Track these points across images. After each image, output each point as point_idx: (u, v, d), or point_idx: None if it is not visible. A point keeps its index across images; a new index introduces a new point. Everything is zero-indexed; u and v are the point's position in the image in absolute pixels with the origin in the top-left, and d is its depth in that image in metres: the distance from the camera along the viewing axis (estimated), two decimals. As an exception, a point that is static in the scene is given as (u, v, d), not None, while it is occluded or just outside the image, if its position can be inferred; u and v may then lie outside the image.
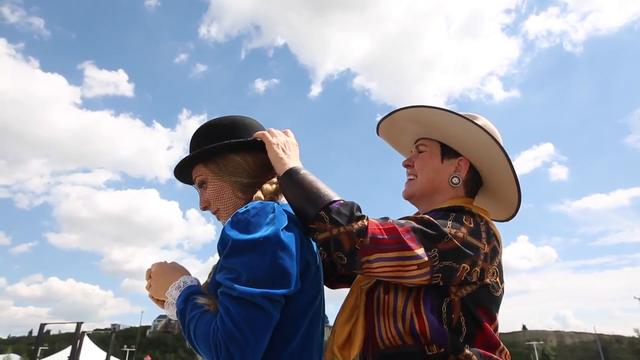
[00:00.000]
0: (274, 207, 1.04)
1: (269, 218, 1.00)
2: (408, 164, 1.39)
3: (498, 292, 1.15)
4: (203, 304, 1.00)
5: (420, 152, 1.37)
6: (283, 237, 0.98)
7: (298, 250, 1.01)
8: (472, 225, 1.13)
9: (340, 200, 1.07)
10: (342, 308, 1.23)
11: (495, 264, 1.15)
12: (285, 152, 1.17)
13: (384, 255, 1.02)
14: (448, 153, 1.32)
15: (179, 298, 1.04)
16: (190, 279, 1.11)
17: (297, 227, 1.06)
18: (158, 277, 1.15)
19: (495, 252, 1.15)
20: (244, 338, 0.88)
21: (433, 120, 1.32)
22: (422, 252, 1.03)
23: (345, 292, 1.31)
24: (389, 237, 1.03)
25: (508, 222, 1.42)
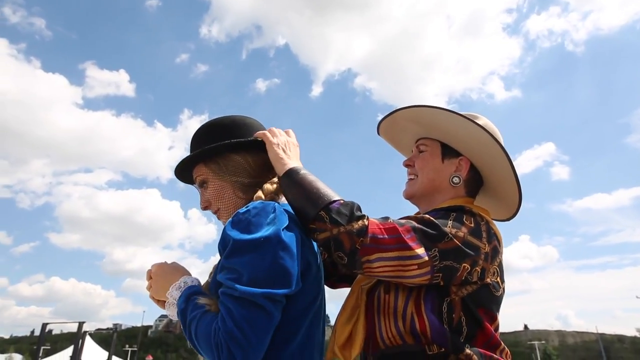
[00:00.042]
0: (275, 207, 1.04)
1: (270, 218, 1.00)
2: (408, 164, 1.39)
3: (499, 291, 1.15)
4: (204, 304, 0.99)
5: (421, 151, 1.37)
6: (284, 237, 0.98)
7: (299, 250, 1.01)
8: (472, 225, 1.13)
9: (340, 200, 1.07)
10: (342, 308, 1.23)
11: (496, 264, 1.14)
12: (286, 152, 1.17)
13: (385, 255, 1.02)
14: (449, 153, 1.32)
15: (180, 298, 1.04)
16: (191, 279, 1.10)
17: (297, 227, 1.06)
18: (158, 277, 1.14)
19: (496, 251, 1.15)
20: (246, 338, 0.88)
21: (433, 120, 1.31)
22: (422, 251, 1.03)
23: (346, 291, 1.31)
24: (390, 236, 1.03)
25: (509, 221, 1.42)
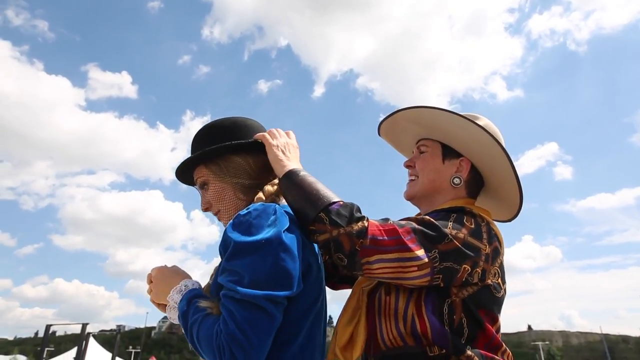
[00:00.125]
0: (275, 208, 1.04)
1: (271, 220, 1.00)
2: (409, 165, 1.39)
3: (500, 293, 1.14)
4: (205, 307, 0.99)
5: (422, 152, 1.37)
6: (285, 238, 0.98)
7: (300, 252, 1.01)
8: (473, 226, 1.13)
9: (340, 202, 1.07)
10: (344, 309, 1.23)
11: (497, 265, 1.14)
12: (285, 153, 1.16)
13: (384, 257, 1.01)
14: (449, 154, 1.32)
15: (181, 301, 1.04)
16: (192, 283, 1.10)
17: (298, 228, 1.06)
18: (159, 281, 1.14)
19: (497, 253, 1.15)
20: (247, 340, 0.88)
21: (434, 121, 1.31)
22: (422, 253, 1.03)
23: (348, 292, 1.30)
24: (389, 238, 1.03)
25: (512, 222, 1.42)
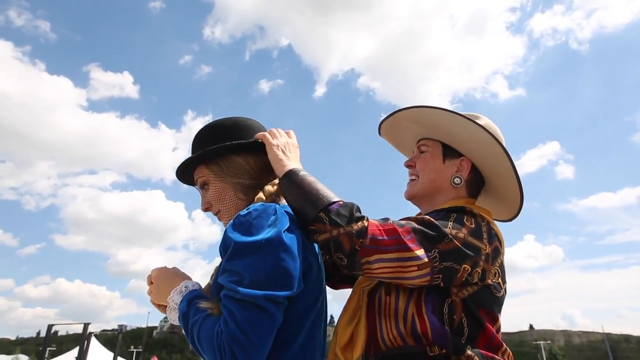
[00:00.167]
0: (276, 208, 1.03)
1: (271, 220, 1.00)
2: (410, 165, 1.39)
3: (500, 292, 1.14)
4: (206, 308, 0.99)
5: (422, 152, 1.36)
6: (285, 238, 0.98)
7: (300, 252, 1.01)
8: (473, 226, 1.13)
9: (340, 201, 1.07)
10: (344, 309, 1.23)
11: (497, 265, 1.14)
12: (285, 153, 1.16)
13: (384, 256, 1.01)
14: (450, 153, 1.32)
15: (182, 302, 1.03)
16: (192, 284, 1.10)
17: (298, 228, 1.06)
18: (159, 282, 1.14)
19: (497, 252, 1.15)
20: (248, 340, 0.88)
21: (434, 121, 1.31)
22: (422, 253, 1.03)
23: (349, 292, 1.30)
24: (389, 238, 1.02)
25: (514, 221, 1.42)
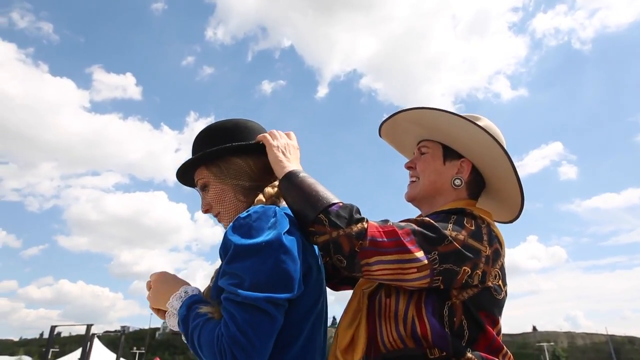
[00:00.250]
0: (275, 210, 1.04)
1: (271, 222, 1.00)
2: (410, 166, 1.38)
3: (500, 295, 1.14)
4: (206, 312, 0.99)
5: (423, 154, 1.36)
6: (285, 241, 0.98)
7: (300, 254, 1.01)
8: (473, 228, 1.12)
9: (340, 203, 1.07)
10: (345, 312, 1.23)
11: (497, 267, 1.13)
12: (285, 154, 1.16)
13: (384, 258, 1.01)
14: (450, 155, 1.32)
15: (181, 308, 1.03)
16: (192, 289, 1.10)
17: (298, 230, 1.06)
18: (158, 287, 1.13)
19: (497, 254, 1.14)
20: (249, 342, 0.88)
21: (435, 122, 1.31)
22: (421, 255, 1.03)
23: (350, 293, 1.30)
24: (389, 239, 1.02)
25: (516, 222, 1.41)
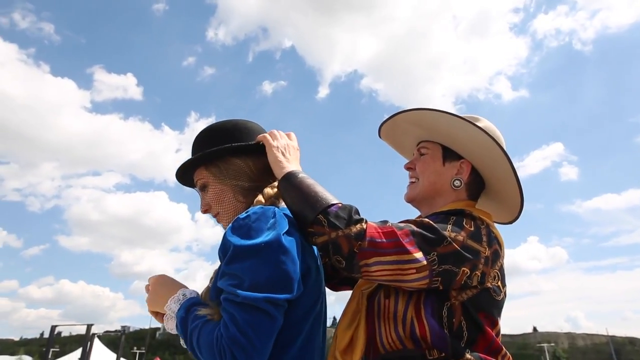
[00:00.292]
0: (275, 211, 1.04)
1: (270, 223, 1.00)
2: (410, 167, 1.38)
3: (499, 296, 1.13)
4: (205, 314, 0.99)
5: (422, 155, 1.36)
6: (284, 241, 0.98)
7: (299, 255, 1.01)
8: (472, 229, 1.12)
9: (339, 204, 1.07)
10: (344, 312, 1.23)
11: (497, 268, 1.13)
12: (285, 155, 1.16)
13: (383, 259, 1.01)
14: (450, 156, 1.32)
15: (179, 310, 1.03)
16: (190, 292, 1.10)
17: (298, 231, 1.06)
18: (157, 290, 1.13)
19: (497, 255, 1.14)
20: (249, 342, 0.87)
21: (434, 123, 1.31)
22: (420, 255, 1.02)
23: (350, 294, 1.30)
24: (388, 240, 1.02)
25: (517, 223, 1.41)
